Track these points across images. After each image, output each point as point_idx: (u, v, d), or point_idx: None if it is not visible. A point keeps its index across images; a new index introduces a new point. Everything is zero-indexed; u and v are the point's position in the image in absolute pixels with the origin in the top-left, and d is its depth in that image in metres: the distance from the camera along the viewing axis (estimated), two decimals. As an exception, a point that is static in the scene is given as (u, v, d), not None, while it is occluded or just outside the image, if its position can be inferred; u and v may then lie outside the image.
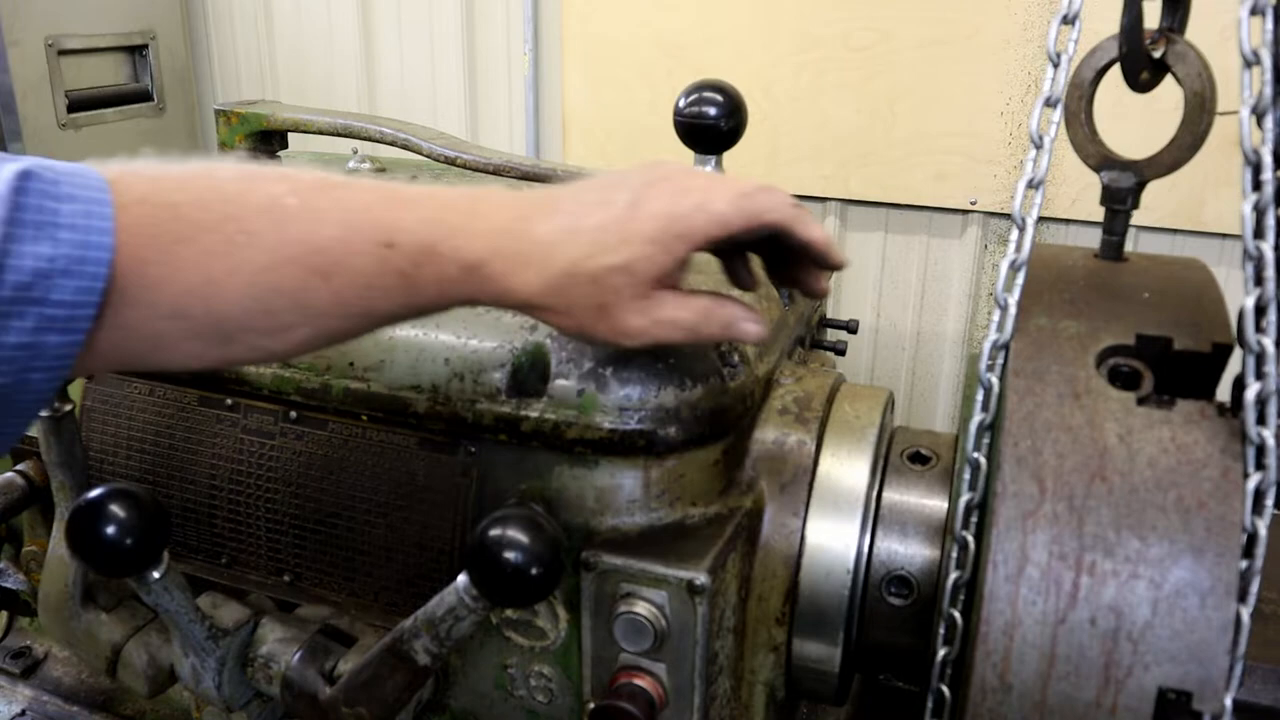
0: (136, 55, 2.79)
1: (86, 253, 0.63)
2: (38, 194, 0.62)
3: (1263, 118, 0.59)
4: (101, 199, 0.65)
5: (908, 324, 2.44)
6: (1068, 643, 0.64)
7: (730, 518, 0.88)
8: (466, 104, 2.77)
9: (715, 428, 0.87)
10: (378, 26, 2.80)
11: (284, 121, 1.30)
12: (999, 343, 0.72)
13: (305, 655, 0.91)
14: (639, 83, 2.46)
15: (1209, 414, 0.66)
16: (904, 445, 0.97)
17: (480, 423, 0.87)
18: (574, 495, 0.87)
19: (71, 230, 0.62)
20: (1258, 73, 0.60)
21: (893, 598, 0.90)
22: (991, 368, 0.73)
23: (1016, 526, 0.66)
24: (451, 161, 1.25)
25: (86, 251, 0.63)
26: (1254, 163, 0.60)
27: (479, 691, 0.96)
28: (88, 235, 0.63)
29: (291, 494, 0.99)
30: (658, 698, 0.84)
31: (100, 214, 0.64)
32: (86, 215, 0.64)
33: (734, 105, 1.02)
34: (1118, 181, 0.79)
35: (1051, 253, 0.86)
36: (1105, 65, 0.79)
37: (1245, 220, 0.60)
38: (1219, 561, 0.62)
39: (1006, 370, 0.72)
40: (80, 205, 0.64)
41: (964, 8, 2.12)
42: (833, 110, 2.30)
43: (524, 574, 0.74)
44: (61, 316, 0.63)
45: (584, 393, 0.84)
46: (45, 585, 1.05)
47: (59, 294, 0.62)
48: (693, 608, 0.81)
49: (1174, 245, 2.11)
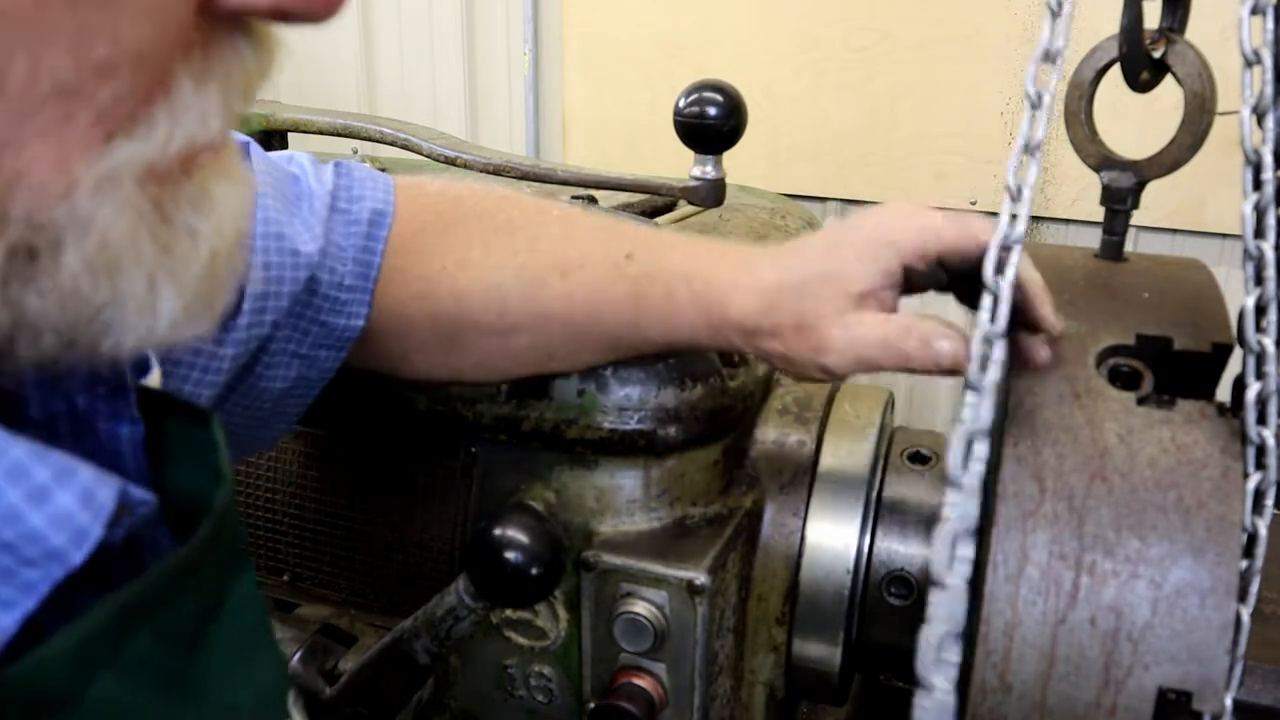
0: (136, 55, 2.79)
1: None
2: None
3: (1263, 117, 0.59)
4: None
5: (908, 324, 2.43)
6: (1068, 643, 0.64)
7: (730, 518, 0.88)
8: (466, 104, 2.77)
9: (715, 428, 0.87)
10: (378, 26, 2.80)
11: (284, 121, 1.30)
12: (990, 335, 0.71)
13: (305, 655, 0.91)
14: (639, 83, 2.46)
15: (1209, 414, 0.66)
16: (904, 445, 0.97)
17: (480, 423, 0.87)
18: (574, 495, 0.87)
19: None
20: (1258, 72, 0.60)
21: (893, 598, 0.90)
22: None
23: (1016, 526, 0.66)
24: (451, 161, 1.25)
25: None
26: (1254, 162, 0.60)
27: (479, 691, 0.96)
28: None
29: (291, 494, 0.99)
30: (658, 698, 0.84)
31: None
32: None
33: (734, 105, 1.02)
34: (1118, 181, 0.79)
35: (1051, 253, 0.86)
36: (1105, 65, 0.79)
37: (1245, 220, 0.60)
38: (1219, 561, 0.62)
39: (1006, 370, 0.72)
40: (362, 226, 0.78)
41: (964, 8, 2.12)
42: (833, 110, 2.30)
43: (524, 574, 0.74)
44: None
45: (584, 393, 0.84)
46: (45, 585, 1.05)
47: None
48: (693, 608, 0.81)
49: (1174, 245, 2.11)
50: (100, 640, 0.38)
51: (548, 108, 2.66)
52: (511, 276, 0.75)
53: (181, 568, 0.43)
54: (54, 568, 0.37)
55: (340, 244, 0.76)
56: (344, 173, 0.78)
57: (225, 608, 0.47)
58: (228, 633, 0.46)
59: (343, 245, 0.76)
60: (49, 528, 0.36)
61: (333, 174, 0.78)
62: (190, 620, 0.44)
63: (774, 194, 1.41)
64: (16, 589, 0.36)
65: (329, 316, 0.76)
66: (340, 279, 0.75)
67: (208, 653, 0.45)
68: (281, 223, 0.71)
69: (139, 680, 0.40)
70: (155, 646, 0.41)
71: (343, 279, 0.76)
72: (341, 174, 0.78)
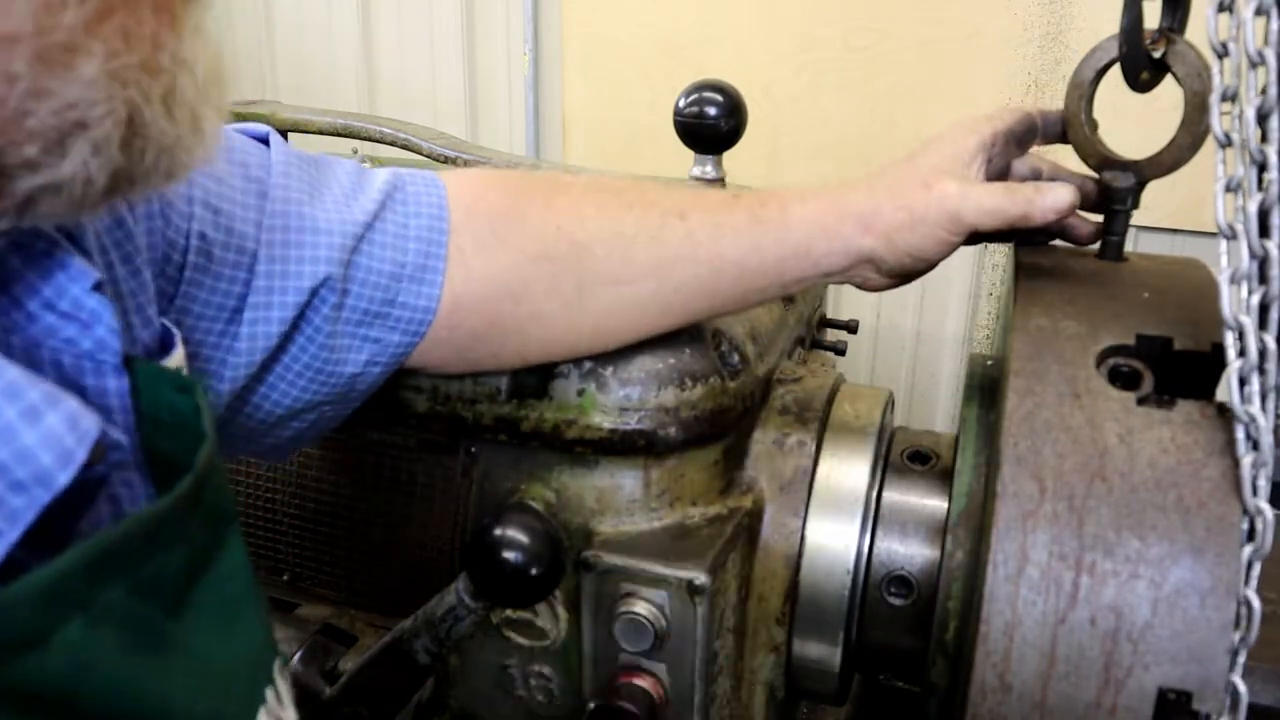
0: (136, 55, 2.79)
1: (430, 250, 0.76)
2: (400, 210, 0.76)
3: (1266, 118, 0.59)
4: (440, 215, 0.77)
5: (908, 324, 2.44)
6: (1068, 643, 0.64)
7: (730, 518, 0.88)
8: (466, 104, 2.77)
9: (715, 428, 0.87)
10: (378, 26, 2.80)
11: (284, 121, 1.31)
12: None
13: (305, 655, 0.91)
14: (639, 83, 2.46)
15: (1209, 414, 0.66)
16: (904, 445, 0.97)
17: (480, 423, 0.87)
18: (574, 495, 0.87)
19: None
20: (1228, 64, 0.61)
21: (893, 598, 0.90)
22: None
23: (1016, 526, 0.66)
24: (451, 162, 1.25)
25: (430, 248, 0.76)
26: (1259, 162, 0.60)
27: (479, 691, 0.96)
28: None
29: (291, 494, 0.99)
30: (658, 698, 0.84)
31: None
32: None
33: (734, 105, 1.02)
34: (1118, 181, 0.79)
35: (1051, 253, 0.86)
36: (1105, 65, 0.79)
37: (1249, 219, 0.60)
38: (1219, 561, 0.62)
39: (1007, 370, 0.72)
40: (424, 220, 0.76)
41: (964, 8, 2.12)
42: (833, 110, 2.30)
43: (523, 574, 0.74)
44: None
45: (584, 393, 0.84)
46: (45, 585, 1.05)
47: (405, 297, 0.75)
48: (693, 608, 0.81)
49: (1174, 245, 2.11)
50: (69, 585, 0.38)
51: (548, 108, 2.66)
52: (632, 225, 0.77)
53: (158, 521, 0.43)
54: (39, 492, 0.37)
55: (396, 240, 0.75)
56: (396, 190, 0.77)
57: (213, 570, 0.47)
58: (214, 595, 0.47)
59: (400, 241, 0.75)
60: (39, 446, 0.37)
61: (383, 193, 0.76)
62: (175, 578, 0.44)
63: (774, 194, 1.41)
64: (3, 518, 0.37)
65: (382, 306, 0.74)
66: (399, 267, 0.74)
67: (194, 613, 0.45)
68: (302, 202, 0.70)
69: (111, 632, 0.40)
70: (131, 599, 0.41)
71: (402, 267, 0.74)
72: (395, 195, 0.77)
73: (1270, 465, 0.61)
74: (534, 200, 0.78)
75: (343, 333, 0.73)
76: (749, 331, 0.95)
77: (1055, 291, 0.77)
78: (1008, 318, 0.85)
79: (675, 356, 0.85)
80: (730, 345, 0.90)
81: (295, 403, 0.74)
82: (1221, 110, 0.62)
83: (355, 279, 0.73)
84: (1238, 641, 0.61)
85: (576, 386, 0.84)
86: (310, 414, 0.77)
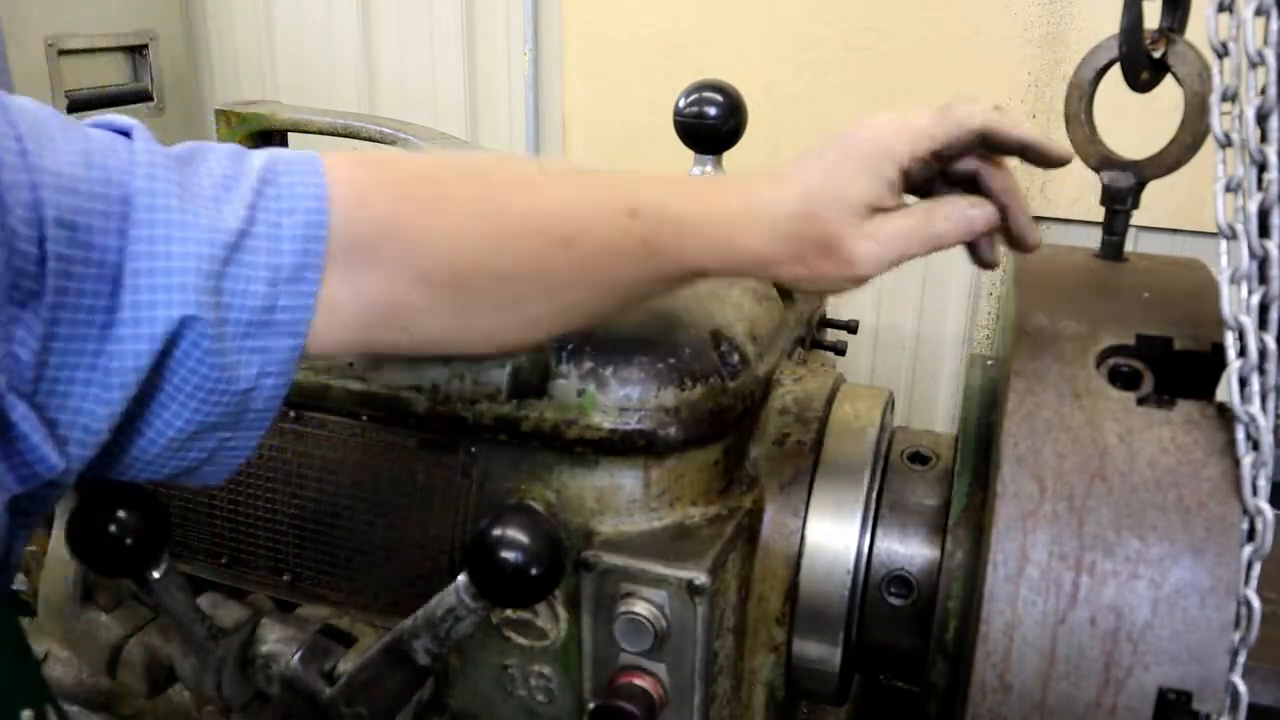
0: (136, 55, 2.79)
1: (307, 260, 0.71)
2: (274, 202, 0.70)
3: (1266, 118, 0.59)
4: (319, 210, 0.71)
5: (908, 324, 2.44)
6: (1068, 643, 0.64)
7: (730, 518, 0.88)
8: (466, 104, 2.77)
9: (715, 428, 0.87)
10: (378, 26, 2.80)
11: (284, 121, 1.30)
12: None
13: (305, 655, 0.91)
14: (639, 83, 2.46)
15: (1209, 414, 0.66)
16: (904, 445, 0.97)
17: (480, 423, 0.87)
18: (574, 495, 0.87)
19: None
20: (1228, 64, 0.61)
21: (893, 598, 0.90)
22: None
23: (1016, 526, 0.66)
24: (451, 161, 1.25)
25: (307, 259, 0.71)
26: (1259, 162, 0.60)
27: (479, 691, 0.96)
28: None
29: (291, 494, 0.99)
30: (658, 698, 0.84)
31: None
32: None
33: (734, 105, 1.02)
34: (1118, 181, 0.80)
35: (1051, 253, 0.86)
36: (1105, 65, 0.80)
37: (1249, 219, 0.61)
38: (1219, 561, 0.62)
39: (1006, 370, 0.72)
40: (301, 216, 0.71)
41: (964, 7, 2.12)
42: (833, 110, 2.30)
43: (524, 574, 0.74)
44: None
45: (584, 393, 0.84)
46: (45, 585, 1.05)
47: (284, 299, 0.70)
48: (693, 608, 0.81)
49: (1174, 245, 2.11)
50: None
51: (548, 108, 2.66)
52: (511, 258, 0.74)
53: None
54: None
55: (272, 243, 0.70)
56: (268, 186, 0.72)
57: None
58: None
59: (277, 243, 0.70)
60: None
61: (253, 192, 0.71)
62: None
63: (774, 194, 1.41)
64: None
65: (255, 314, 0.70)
66: (275, 271, 0.70)
67: None
68: (170, 209, 0.66)
69: None
70: None
71: (278, 270, 0.70)
72: (267, 190, 0.71)
73: (1270, 465, 0.61)
74: (416, 218, 0.74)
75: (229, 349, 0.69)
76: (749, 331, 0.95)
77: (1055, 291, 0.77)
78: (1008, 318, 0.85)
79: (675, 356, 0.85)
80: (730, 345, 0.90)
81: (189, 424, 0.70)
82: (1221, 110, 0.62)
83: (231, 290, 0.69)
84: (1238, 641, 0.61)
85: (577, 386, 0.84)
86: (207, 440, 0.73)
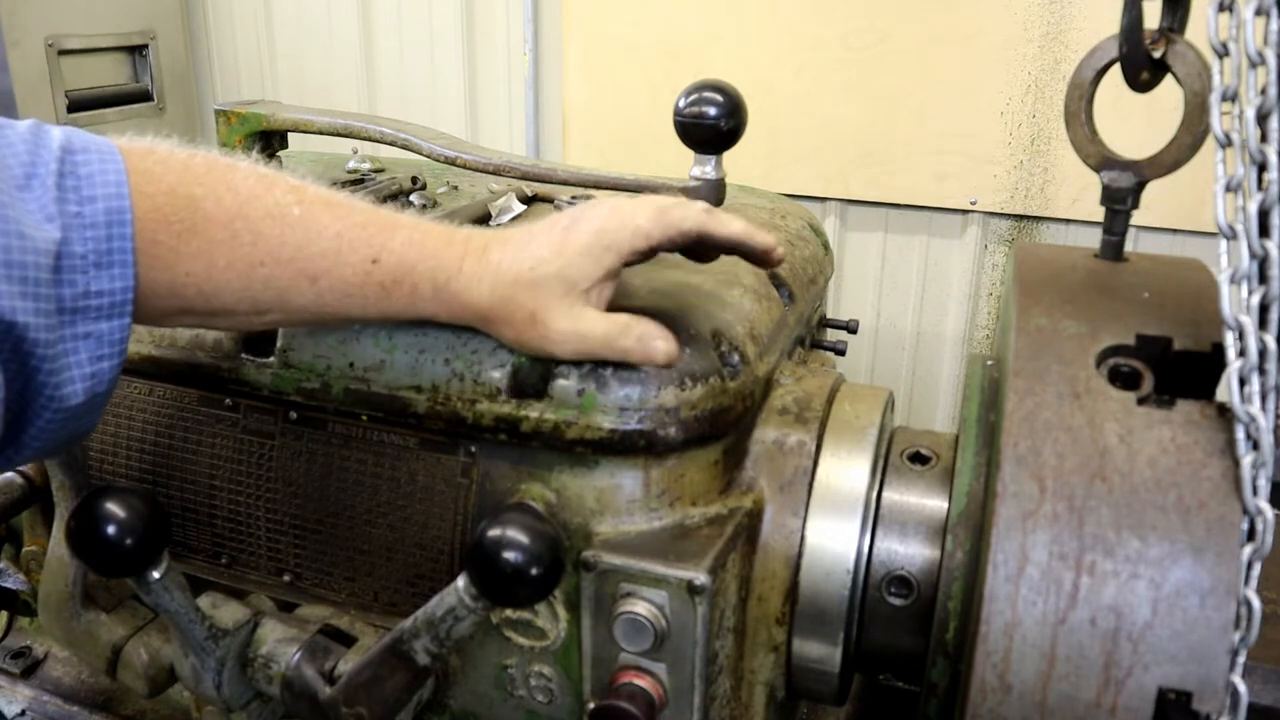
0: (136, 55, 2.80)
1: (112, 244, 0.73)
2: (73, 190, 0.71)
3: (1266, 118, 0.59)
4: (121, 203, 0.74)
5: (908, 324, 2.44)
6: (1068, 643, 0.64)
7: (730, 518, 0.88)
8: (466, 104, 2.77)
9: (715, 428, 0.87)
10: (378, 26, 2.80)
11: (284, 121, 1.30)
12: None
13: (305, 655, 0.91)
14: (639, 83, 2.46)
15: (1209, 414, 0.66)
16: (904, 445, 0.97)
17: (480, 423, 0.87)
18: (574, 495, 0.87)
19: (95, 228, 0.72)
20: (1228, 64, 0.61)
21: (893, 598, 0.90)
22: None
23: (1016, 526, 0.66)
24: (451, 162, 1.25)
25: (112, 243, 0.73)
26: (1259, 162, 0.60)
27: (479, 691, 0.96)
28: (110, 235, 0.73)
29: (291, 494, 0.99)
30: (658, 698, 0.84)
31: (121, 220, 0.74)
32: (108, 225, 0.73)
33: (734, 105, 1.02)
34: (1118, 181, 0.80)
35: (1051, 253, 0.86)
36: (1105, 65, 0.79)
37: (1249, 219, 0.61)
38: (1219, 561, 0.62)
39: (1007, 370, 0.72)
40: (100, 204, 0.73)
41: (964, 8, 2.13)
42: (833, 110, 2.30)
43: (524, 574, 0.74)
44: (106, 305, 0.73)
45: (584, 393, 0.84)
46: (45, 585, 1.05)
47: (99, 284, 0.72)
48: (693, 608, 0.81)
49: (1174, 245, 2.11)
50: None
51: (548, 108, 2.66)
52: (260, 285, 0.79)
53: None
54: None
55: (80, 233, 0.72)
56: (66, 177, 0.72)
57: None
58: None
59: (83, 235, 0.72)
60: None
61: (55, 172, 0.71)
62: None
63: (774, 194, 1.41)
64: None
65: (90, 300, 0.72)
66: (81, 259, 0.71)
67: None
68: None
69: None
70: None
71: (84, 259, 0.71)
72: (66, 171, 0.72)
73: (1270, 465, 0.61)
74: (170, 241, 0.76)
75: (53, 340, 0.70)
76: (749, 331, 0.95)
77: (1055, 291, 0.77)
78: (1007, 318, 0.85)
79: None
80: (730, 345, 0.90)
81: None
82: (1221, 110, 0.62)
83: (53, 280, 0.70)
84: (1238, 641, 0.61)
85: (577, 386, 0.84)
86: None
